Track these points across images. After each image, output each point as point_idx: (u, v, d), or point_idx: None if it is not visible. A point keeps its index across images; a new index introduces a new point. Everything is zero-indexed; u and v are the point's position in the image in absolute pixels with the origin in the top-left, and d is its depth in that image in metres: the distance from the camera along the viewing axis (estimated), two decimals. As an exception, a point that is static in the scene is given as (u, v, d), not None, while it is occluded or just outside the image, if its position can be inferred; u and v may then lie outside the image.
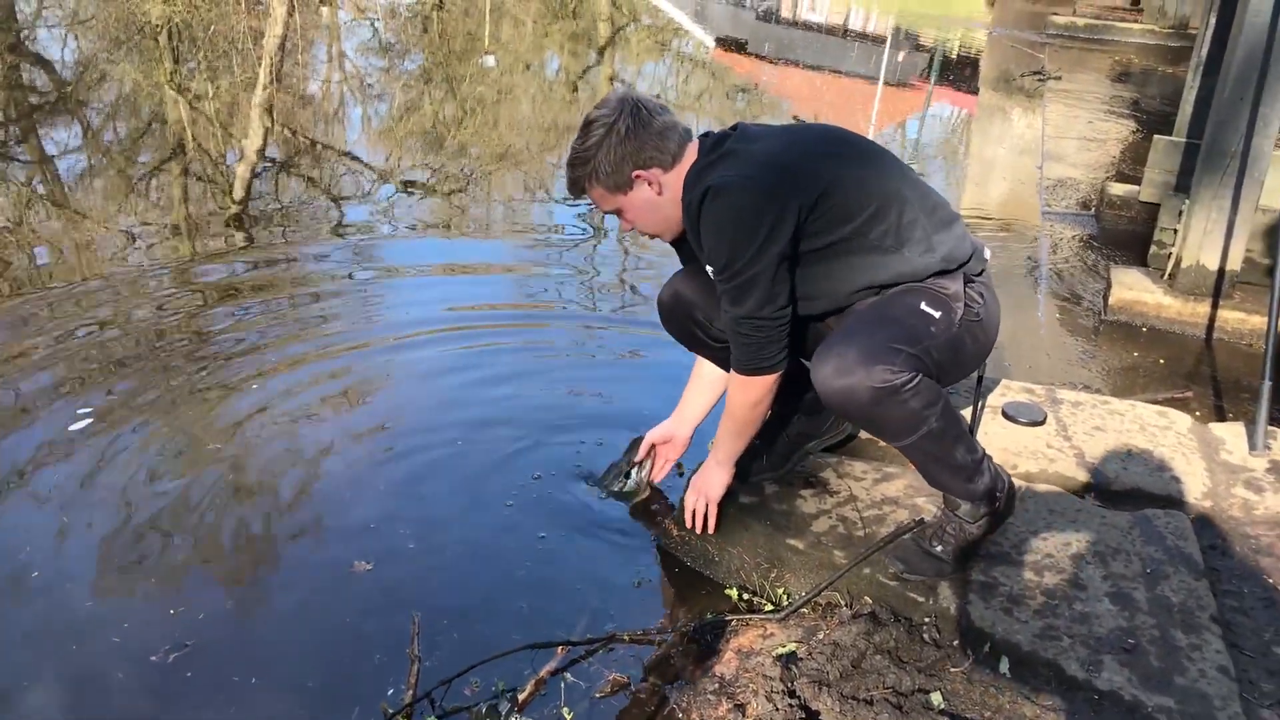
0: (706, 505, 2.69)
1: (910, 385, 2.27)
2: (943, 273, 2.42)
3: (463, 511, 2.90)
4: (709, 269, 2.42)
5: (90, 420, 3.21)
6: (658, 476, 2.99)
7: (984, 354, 2.55)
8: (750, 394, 2.48)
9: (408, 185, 5.81)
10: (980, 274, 2.51)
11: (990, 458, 2.49)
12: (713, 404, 2.90)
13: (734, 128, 2.52)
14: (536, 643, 2.36)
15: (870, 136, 8.51)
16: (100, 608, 2.48)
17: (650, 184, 2.46)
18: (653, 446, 2.97)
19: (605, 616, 2.52)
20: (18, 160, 5.72)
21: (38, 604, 2.49)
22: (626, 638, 2.44)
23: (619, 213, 2.54)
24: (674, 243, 2.67)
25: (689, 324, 2.72)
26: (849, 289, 2.44)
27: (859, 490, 2.82)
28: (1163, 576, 2.53)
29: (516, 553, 2.74)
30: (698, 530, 2.70)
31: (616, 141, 2.40)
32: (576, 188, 2.51)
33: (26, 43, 8.48)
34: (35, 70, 7.76)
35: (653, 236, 2.62)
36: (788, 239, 2.31)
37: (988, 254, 2.56)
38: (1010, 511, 2.55)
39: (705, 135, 2.51)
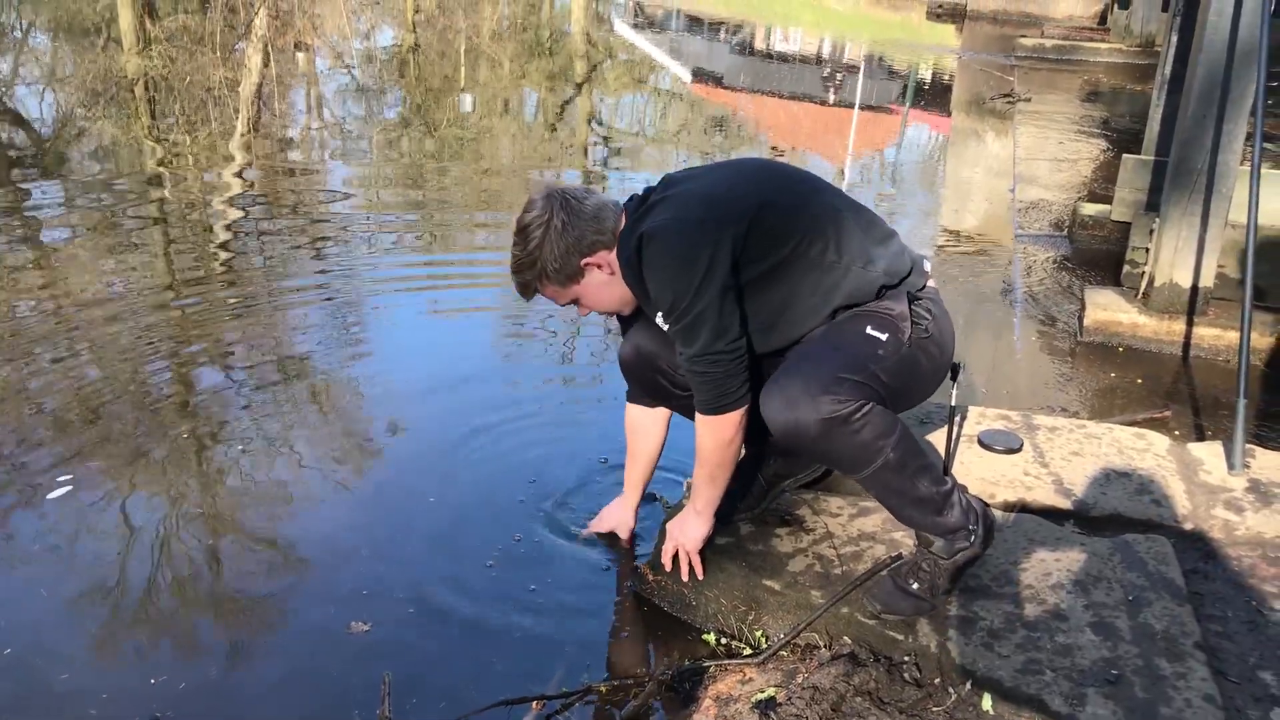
0: (688, 555, 2.66)
1: (860, 414, 2.25)
2: (886, 289, 2.42)
3: (436, 568, 2.85)
4: (658, 318, 2.41)
5: (69, 487, 3.15)
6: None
7: (941, 370, 2.53)
8: (720, 434, 2.45)
9: (388, 226, 5.79)
10: (923, 289, 2.50)
11: (963, 489, 2.46)
12: (651, 467, 2.94)
13: (661, 181, 2.54)
14: (510, 698, 2.31)
15: (847, 161, 8.58)
16: (77, 680, 2.42)
17: (600, 266, 2.47)
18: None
19: (581, 667, 2.48)
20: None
21: (12, 677, 2.42)
22: (603, 689, 2.40)
23: (575, 302, 2.55)
24: (622, 318, 2.69)
25: (653, 374, 2.69)
26: (802, 314, 2.42)
27: (835, 527, 2.79)
28: (1145, 604, 2.50)
29: (489, 607, 2.69)
30: (683, 576, 2.66)
31: (556, 237, 2.41)
32: (529, 290, 2.52)
33: (4, 99, 8.48)
34: (12, 130, 7.75)
35: (611, 315, 2.64)
36: (727, 269, 2.31)
37: (928, 267, 2.56)
38: (989, 543, 2.52)
39: (630, 199, 2.52)
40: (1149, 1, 12.37)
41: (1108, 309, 4.66)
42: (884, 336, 2.36)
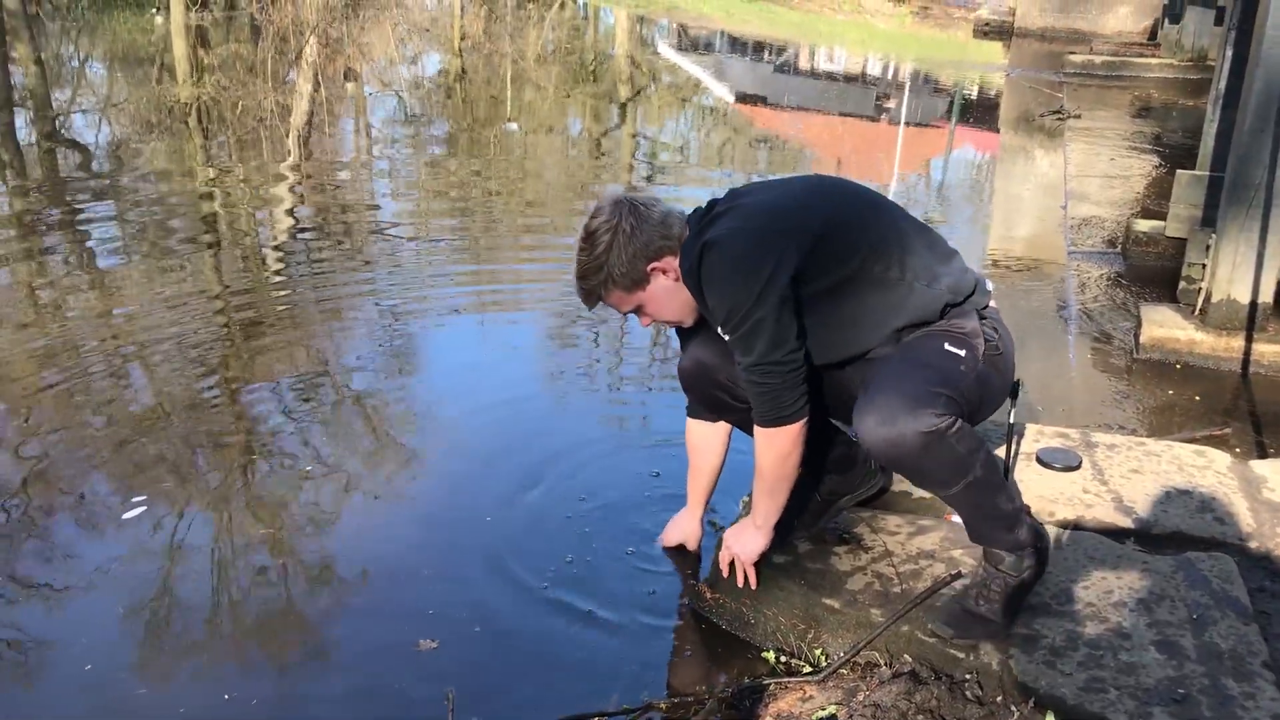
0: (743, 567, 2.66)
1: (954, 429, 2.26)
2: (950, 307, 2.42)
3: (496, 588, 2.88)
4: (719, 329, 2.43)
5: (144, 508, 3.22)
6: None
7: (1006, 388, 2.53)
8: (777, 447, 2.46)
9: (436, 249, 5.86)
10: (986, 308, 2.51)
11: (1026, 507, 2.46)
12: (713, 481, 2.95)
13: (727, 194, 2.56)
14: (571, 715, 2.33)
15: (894, 179, 8.56)
16: (155, 694, 2.48)
17: (666, 272, 2.49)
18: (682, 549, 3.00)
19: (641, 685, 2.49)
20: (55, 238, 5.83)
21: (94, 693, 2.48)
22: (663, 706, 2.41)
23: (639, 310, 2.56)
24: (681, 331, 2.71)
25: (712, 388, 2.70)
26: (865, 331, 2.43)
27: (894, 545, 2.79)
28: (1210, 622, 2.47)
29: (549, 626, 2.72)
30: (739, 583, 2.66)
31: (624, 241, 2.43)
32: (592, 298, 2.53)
33: (61, 130, 8.68)
34: (70, 152, 7.94)
35: (673, 325, 2.65)
36: (788, 281, 2.32)
37: (989, 286, 2.56)
38: (1046, 562, 2.50)
39: (694, 211, 2.54)
40: (1201, 16, 12.25)
41: (1164, 326, 4.62)
42: (962, 353, 2.37)
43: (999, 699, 2.31)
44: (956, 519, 2.77)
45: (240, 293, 5.11)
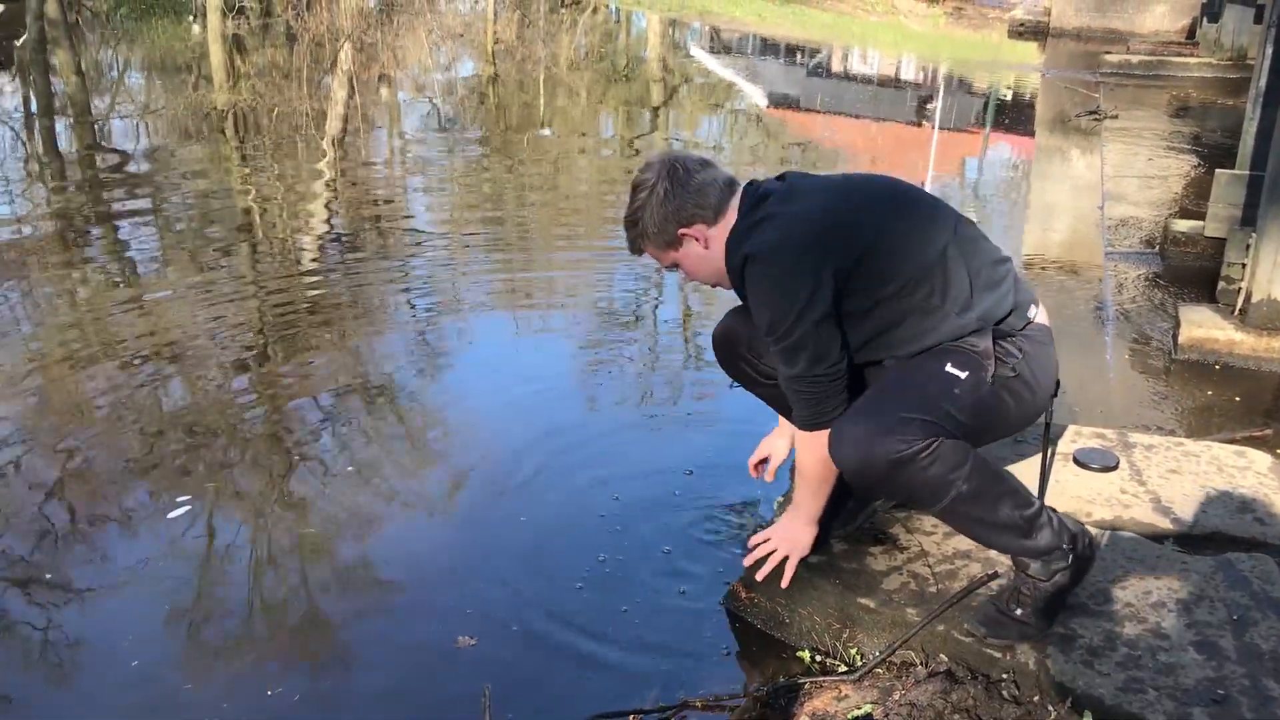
0: (787, 559, 2.66)
1: (926, 452, 2.25)
2: (975, 331, 2.40)
3: (533, 586, 2.90)
4: (762, 334, 2.44)
5: (188, 507, 3.26)
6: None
7: (1029, 412, 2.49)
8: (820, 450, 2.46)
9: (469, 252, 5.90)
10: (1024, 328, 2.46)
11: (1051, 510, 2.43)
12: None
13: (781, 177, 2.55)
14: (606, 713, 2.34)
15: (927, 182, 8.53)
16: (200, 690, 2.52)
17: (697, 239, 2.50)
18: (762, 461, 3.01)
19: (676, 683, 2.50)
20: (94, 241, 5.92)
21: (140, 689, 2.52)
22: (699, 704, 2.42)
23: (676, 266, 2.60)
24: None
25: (738, 360, 2.75)
26: (894, 347, 2.43)
27: (929, 545, 2.78)
28: (1250, 623, 2.45)
29: (585, 624, 2.73)
30: (784, 583, 2.66)
31: (658, 203, 2.46)
32: (635, 247, 2.59)
33: (101, 137, 8.80)
34: (109, 157, 8.05)
35: (714, 286, 2.64)
36: (827, 302, 2.32)
37: (1035, 311, 2.50)
38: (1090, 562, 2.48)
39: (751, 186, 2.52)
40: (1240, 14, 12.09)
41: (1203, 326, 4.57)
42: (964, 375, 2.34)
43: (1036, 699, 2.30)
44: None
45: (273, 292, 5.16)
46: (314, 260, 5.76)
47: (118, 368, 4.23)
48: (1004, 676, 2.36)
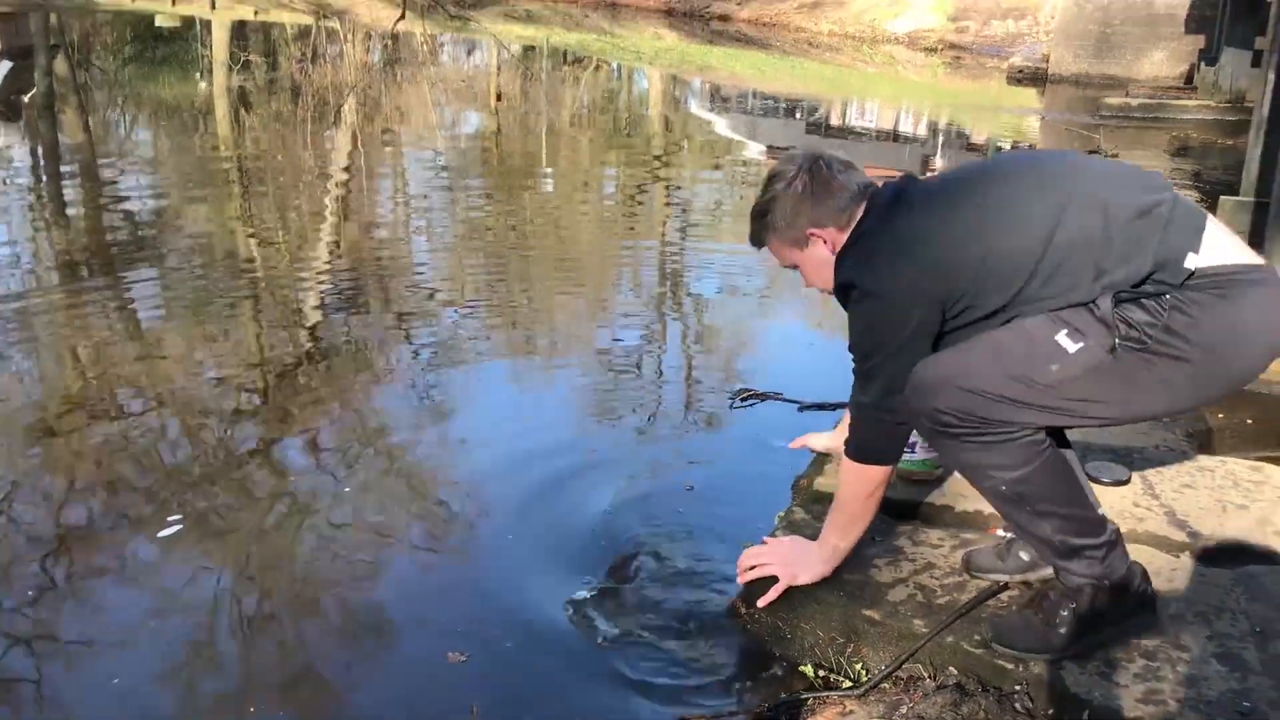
0: (787, 584, 2.56)
1: (975, 437, 2.17)
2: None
3: (526, 604, 2.82)
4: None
5: (178, 526, 3.19)
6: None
7: (1204, 384, 2.17)
8: (864, 485, 2.39)
9: (471, 301, 5.85)
10: (1185, 281, 2.07)
11: (1113, 547, 2.29)
12: None
13: (905, 179, 2.39)
14: (602, 728, 2.25)
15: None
16: (181, 708, 2.45)
17: (825, 242, 2.38)
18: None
19: (675, 700, 2.41)
20: (96, 292, 5.87)
21: (120, 706, 2.45)
22: (698, 722, 2.32)
23: (797, 268, 2.49)
24: None
25: None
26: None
27: (936, 558, 2.69)
28: (1275, 635, 2.36)
29: (580, 641, 2.65)
30: (763, 601, 2.57)
31: (793, 198, 2.35)
32: (757, 240, 2.48)
33: (107, 191, 8.82)
34: (113, 213, 8.05)
35: (831, 294, 2.46)
36: (918, 338, 2.23)
37: (1197, 258, 2.07)
38: (1121, 599, 2.32)
39: (875, 193, 2.37)
40: (1238, 58, 12.16)
41: (1212, 350, 4.48)
42: (1074, 348, 2.11)
43: (1050, 711, 2.20)
44: (1001, 533, 2.67)
45: (273, 335, 5.10)
46: (314, 308, 5.69)
47: (110, 410, 4.15)
48: (1017, 689, 2.26)
